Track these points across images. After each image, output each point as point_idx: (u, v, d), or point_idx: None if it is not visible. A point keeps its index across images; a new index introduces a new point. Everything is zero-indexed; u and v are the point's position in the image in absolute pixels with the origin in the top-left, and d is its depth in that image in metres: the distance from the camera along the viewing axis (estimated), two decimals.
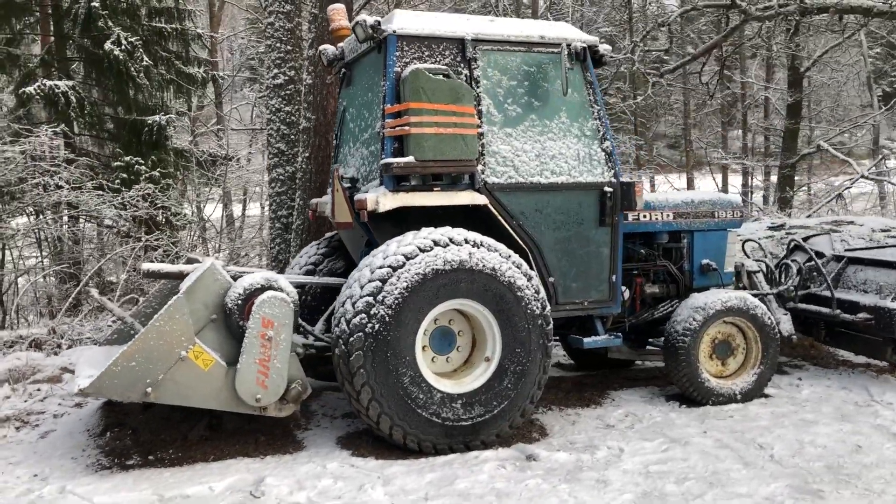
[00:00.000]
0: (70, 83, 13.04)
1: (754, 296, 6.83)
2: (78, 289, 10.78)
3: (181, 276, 5.31)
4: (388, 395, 4.91)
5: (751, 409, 6.04)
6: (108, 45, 13.04)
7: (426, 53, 5.47)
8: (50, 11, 13.95)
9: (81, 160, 13.57)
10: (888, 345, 6.51)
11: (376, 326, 4.86)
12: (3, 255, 14.70)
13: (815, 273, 7.25)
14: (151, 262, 9.59)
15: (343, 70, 6.40)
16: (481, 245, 5.16)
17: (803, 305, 7.11)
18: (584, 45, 5.85)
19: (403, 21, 5.47)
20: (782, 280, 7.19)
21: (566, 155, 5.81)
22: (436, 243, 5.04)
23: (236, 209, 21.62)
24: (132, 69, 13.37)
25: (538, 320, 5.28)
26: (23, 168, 12.66)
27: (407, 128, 5.22)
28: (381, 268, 4.94)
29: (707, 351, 6.20)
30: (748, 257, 7.71)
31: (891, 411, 5.93)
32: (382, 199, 5.23)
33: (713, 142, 28.17)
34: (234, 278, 5.10)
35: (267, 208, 9.78)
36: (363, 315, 4.86)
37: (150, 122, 13.47)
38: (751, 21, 9.83)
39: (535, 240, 5.71)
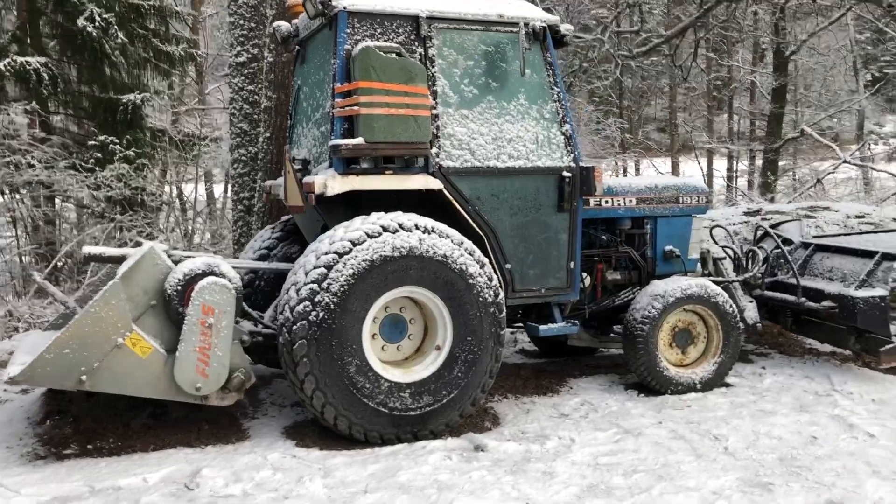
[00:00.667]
0: (42, 60, 12.72)
1: (719, 283, 6.73)
2: (49, 268, 10.55)
3: (123, 261, 5.14)
4: (333, 385, 4.77)
5: (710, 398, 5.95)
6: (81, 22, 12.74)
7: (378, 31, 5.30)
8: None
9: (54, 139, 13.34)
10: (851, 333, 6.42)
11: (321, 314, 4.71)
12: None
13: (782, 260, 7.15)
14: (94, 245, 9.43)
15: (297, 48, 6.21)
16: (432, 231, 5.02)
17: (769, 293, 7.01)
18: (544, 24, 5.68)
19: None
20: (749, 267, 7.08)
21: (524, 138, 5.65)
22: (385, 229, 4.90)
23: (218, 190, 21.36)
24: (106, 46, 13.09)
25: (490, 308, 5.15)
26: None
27: (356, 108, 5.05)
28: (326, 254, 4.79)
29: (667, 339, 6.09)
30: (716, 243, 7.60)
31: (850, 401, 5.84)
32: (331, 183, 5.07)
33: (698, 126, 28.06)
34: (180, 263, 4.94)
35: (230, 190, 9.64)
36: (307, 303, 4.72)
37: (124, 100, 13.22)
38: (724, 2, 9.68)
39: (491, 225, 5.56)
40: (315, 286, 4.73)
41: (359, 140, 5.05)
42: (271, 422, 5.40)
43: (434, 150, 5.35)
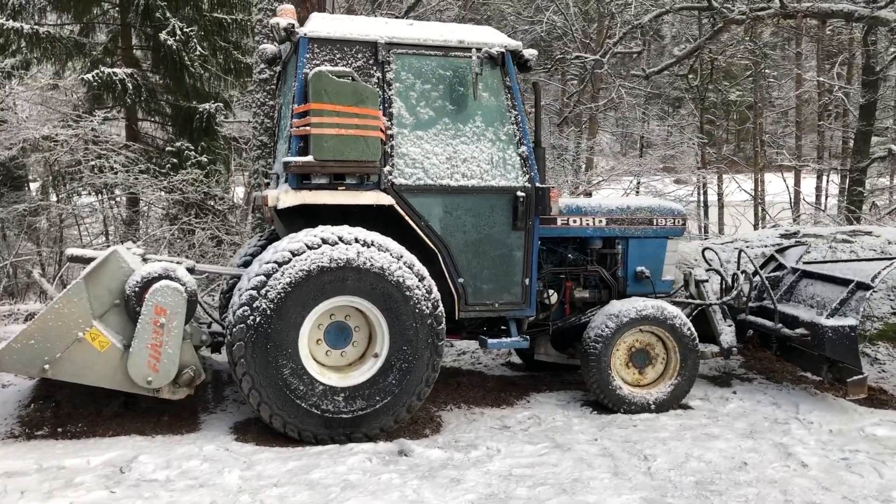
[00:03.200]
0: (129, 71, 13.70)
1: (696, 306, 6.75)
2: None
3: None
4: (268, 385, 5.14)
5: (661, 419, 5.99)
6: (163, 36, 13.69)
7: (338, 56, 5.64)
8: (116, 2, 14.72)
9: (135, 145, 14.36)
10: (823, 361, 6.32)
11: (258, 319, 5.09)
12: (62, 231, 15.73)
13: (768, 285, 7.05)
14: (78, 248, 10.10)
15: (281, 69, 6.64)
16: (371, 244, 5.31)
17: (751, 318, 6.95)
18: (503, 49, 5.89)
19: (316, 24, 5.66)
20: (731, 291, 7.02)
21: (479, 159, 5.87)
22: (324, 241, 5.23)
23: None
24: (186, 59, 13.99)
25: (428, 320, 5.40)
26: (81, 151, 13.52)
27: (308, 128, 5.41)
28: (267, 262, 5.17)
29: (623, 359, 6.17)
30: (710, 265, 7.56)
31: (805, 430, 5.77)
32: (283, 197, 5.45)
33: (781, 143, 27.20)
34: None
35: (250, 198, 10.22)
36: (246, 307, 5.10)
37: (201, 109, 14.09)
38: (730, 25, 9.55)
39: (444, 241, 5.81)
40: (254, 292, 5.11)
41: (308, 158, 5.41)
42: (226, 417, 5.82)
43: (387, 169, 5.65)
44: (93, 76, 13.28)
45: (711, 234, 21.10)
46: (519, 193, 5.90)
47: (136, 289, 5.21)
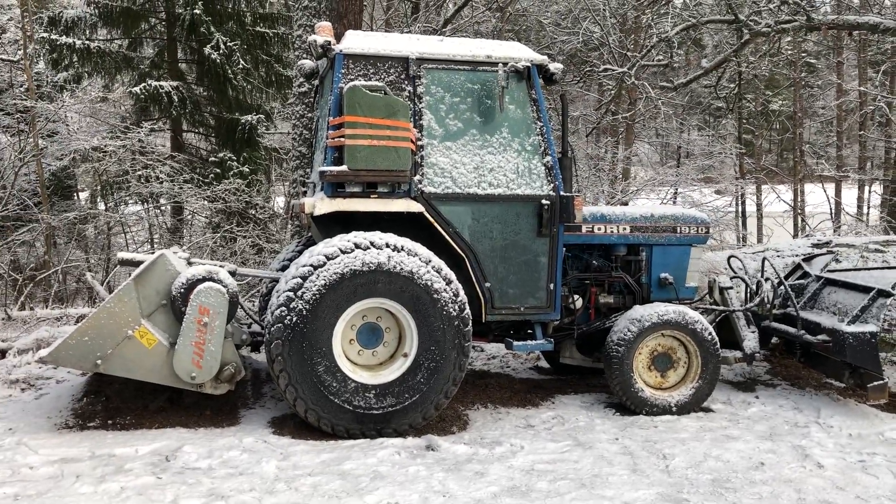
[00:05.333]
0: (174, 83, 14.24)
1: (720, 312, 6.91)
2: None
3: None
4: (303, 382, 5.44)
5: (682, 421, 6.16)
6: (207, 50, 14.19)
7: (371, 71, 5.95)
8: (163, 17, 15.31)
9: (179, 156, 14.87)
10: (845, 368, 6.43)
11: (294, 319, 5.40)
12: (109, 239, 16.29)
13: (793, 292, 7.18)
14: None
15: (318, 83, 6.98)
16: (401, 249, 5.59)
17: (775, 324, 7.08)
18: (529, 63, 6.14)
19: (351, 41, 5.97)
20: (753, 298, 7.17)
21: (505, 168, 6.13)
22: (357, 246, 5.52)
23: None
24: (229, 72, 14.48)
25: (455, 321, 5.65)
26: (129, 161, 14.05)
27: (342, 139, 5.72)
28: (304, 266, 5.48)
29: (645, 362, 6.35)
30: (735, 273, 7.72)
31: (824, 434, 5.90)
32: (319, 204, 5.76)
33: (821, 153, 26.98)
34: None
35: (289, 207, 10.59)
36: (283, 308, 5.42)
37: (243, 121, 14.56)
38: (757, 37, 9.67)
39: (471, 247, 6.06)
40: (291, 294, 5.42)
41: (343, 167, 5.71)
42: (264, 412, 6.13)
43: (417, 177, 5.93)
44: (140, 89, 13.82)
45: (749, 245, 21.06)
46: (544, 201, 6.14)
47: (182, 290, 5.55)
